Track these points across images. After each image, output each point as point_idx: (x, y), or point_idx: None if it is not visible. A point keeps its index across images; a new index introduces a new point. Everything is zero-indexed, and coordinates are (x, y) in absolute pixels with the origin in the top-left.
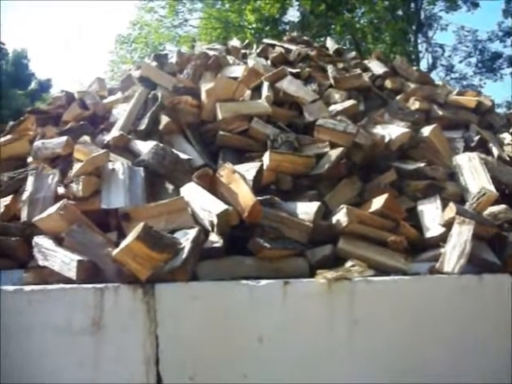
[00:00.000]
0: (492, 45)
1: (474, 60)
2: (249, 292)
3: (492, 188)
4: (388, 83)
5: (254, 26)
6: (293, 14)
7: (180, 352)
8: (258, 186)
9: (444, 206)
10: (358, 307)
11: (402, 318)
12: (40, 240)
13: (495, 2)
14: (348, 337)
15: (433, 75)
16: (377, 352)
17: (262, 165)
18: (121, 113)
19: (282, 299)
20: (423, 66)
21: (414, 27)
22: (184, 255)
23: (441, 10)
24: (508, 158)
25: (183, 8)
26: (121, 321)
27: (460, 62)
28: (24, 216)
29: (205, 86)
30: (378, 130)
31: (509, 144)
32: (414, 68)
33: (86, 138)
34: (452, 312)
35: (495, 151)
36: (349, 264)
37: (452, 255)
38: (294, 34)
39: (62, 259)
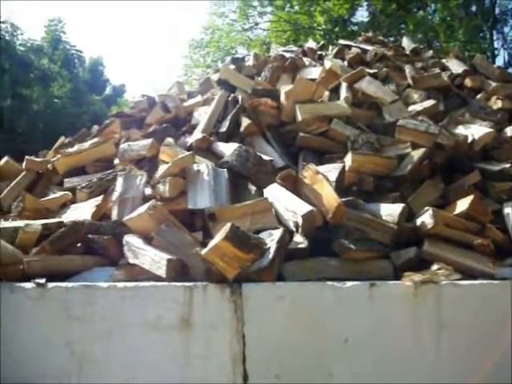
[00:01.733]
0: None
1: None
2: (335, 293)
3: None
4: (468, 82)
5: (323, 27)
6: (362, 14)
7: (266, 351)
8: (341, 187)
9: None
10: (444, 311)
11: (489, 323)
12: (130, 239)
13: None
14: (434, 341)
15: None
16: (463, 357)
17: (344, 166)
18: (202, 115)
19: (368, 301)
20: (499, 63)
21: (489, 23)
22: (270, 255)
23: None
24: None
25: (253, 12)
26: (209, 318)
27: None
28: (114, 215)
29: (283, 88)
30: (460, 130)
31: None
32: (495, 66)
33: (170, 140)
34: None
35: None
36: (435, 267)
37: None
38: (369, 34)
39: (151, 257)
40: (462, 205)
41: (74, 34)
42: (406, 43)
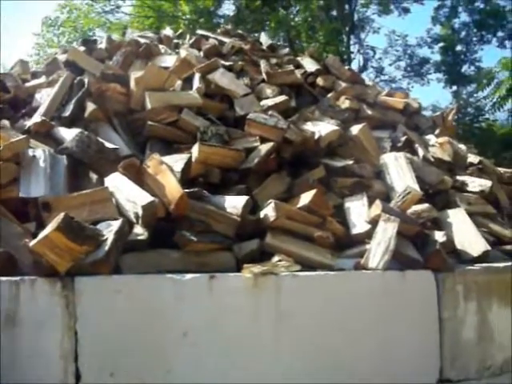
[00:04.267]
0: (420, 50)
1: (403, 64)
2: (173, 286)
3: (417, 187)
4: (320, 81)
5: (188, 16)
6: (228, 8)
7: (100, 348)
8: (186, 178)
9: (370, 204)
10: (284, 302)
11: (327, 313)
12: None
13: (425, 8)
14: (274, 332)
15: (363, 76)
16: (303, 347)
17: (191, 157)
18: (44, 98)
19: (208, 293)
20: (354, 66)
21: (347, 28)
22: (106, 247)
23: (374, 14)
24: (432, 159)
25: None
26: (37, 315)
27: (390, 65)
28: None
29: (134, 74)
30: (309, 126)
31: (433, 145)
32: (346, 67)
33: (6, 122)
34: (376, 307)
35: (420, 152)
36: (275, 259)
37: (377, 251)
38: (229, 26)
39: None
40: (305, 198)
41: None
42: (264, 39)
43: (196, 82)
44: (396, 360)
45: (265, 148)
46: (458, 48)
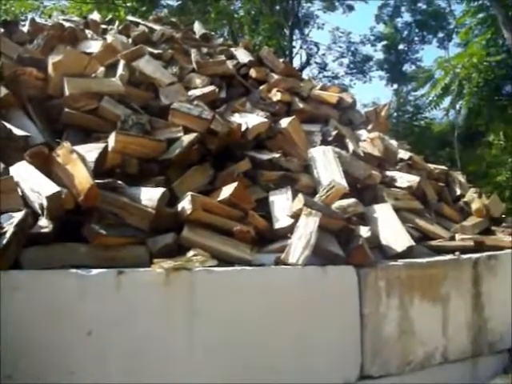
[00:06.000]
0: (363, 48)
1: (346, 61)
2: (78, 282)
3: (343, 181)
4: (253, 73)
5: (128, 4)
6: None
7: None
8: (101, 168)
9: (295, 198)
10: (198, 298)
11: (244, 310)
12: None
13: (369, 7)
14: (187, 330)
15: (306, 72)
16: (217, 345)
17: (107, 146)
18: None
19: (116, 290)
20: (297, 61)
21: (289, 23)
22: (5, 240)
23: (318, 9)
24: (362, 154)
25: None
26: None
27: (333, 61)
28: None
29: (52, 59)
30: (236, 118)
31: (365, 140)
32: (281, 60)
33: None
34: (295, 303)
35: (351, 146)
36: (191, 253)
37: (297, 246)
38: (162, 14)
39: None
40: (226, 191)
41: None
42: (197, 28)
43: (120, 69)
44: (316, 357)
45: (187, 139)
46: (400, 47)
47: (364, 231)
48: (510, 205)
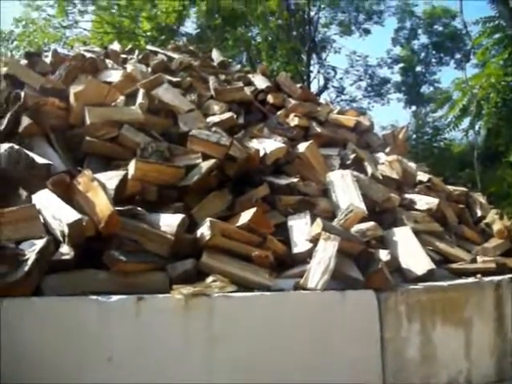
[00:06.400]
0: (381, 70)
1: (363, 84)
2: (98, 308)
3: (362, 205)
4: (270, 98)
5: (148, 33)
6: (190, 26)
7: (20, 372)
8: (121, 195)
9: (314, 222)
10: (217, 323)
11: (263, 336)
12: None
13: (385, 30)
14: (206, 355)
15: (324, 96)
16: (237, 371)
17: (127, 174)
18: None
19: (135, 316)
20: (315, 86)
21: (306, 48)
22: (27, 267)
23: (335, 34)
24: (381, 177)
25: (74, 9)
26: None
27: (351, 85)
28: None
29: (73, 89)
30: (254, 143)
31: (383, 163)
32: (298, 85)
33: None
34: (315, 328)
35: (369, 170)
36: (210, 279)
37: (316, 271)
38: (180, 43)
39: None
40: (245, 217)
41: None
42: (215, 55)
43: (139, 98)
44: (337, 382)
45: (206, 165)
46: (418, 69)
47: (383, 255)
48: None
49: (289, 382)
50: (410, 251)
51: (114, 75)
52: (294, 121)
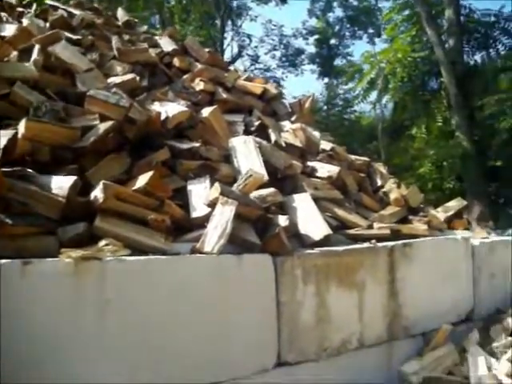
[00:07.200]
0: (296, 41)
1: (278, 53)
2: None
3: (262, 171)
4: (176, 62)
5: None
6: None
7: None
8: (11, 156)
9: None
10: (109, 288)
11: (158, 299)
12: None
13: (302, 1)
14: (97, 321)
15: (238, 64)
16: (130, 337)
17: (16, 133)
18: None
19: (21, 280)
20: (229, 53)
21: (221, 13)
22: None
23: (252, 1)
24: (284, 144)
25: None
26: None
27: (265, 54)
28: None
29: None
30: (156, 106)
31: (287, 131)
32: (206, 50)
33: None
34: (211, 292)
35: (273, 137)
36: (102, 243)
37: (213, 235)
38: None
39: None
40: (141, 180)
41: None
42: (121, 14)
43: (34, 54)
44: (231, 345)
45: (104, 127)
46: (332, 41)
47: (282, 220)
48: (432, 196)
49: (183, 347)
50: (308, 217)
51: (9, 29)
52: (199, 85)
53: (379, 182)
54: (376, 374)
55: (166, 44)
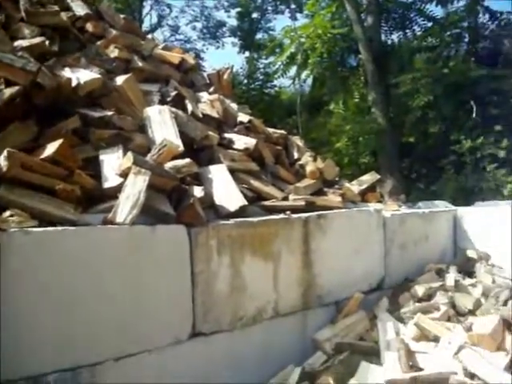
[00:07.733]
0: (217, 13)
1: (199, 25)
2: None
3: (178, 141)
4: (90, 27)
5: None
6: None
7: None
8: None
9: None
10: (14, 260)
11: (69, 272)
12: None
13: None
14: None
15: (157, 34)
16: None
17: None
18: None
19: None
20: (147, 23)
21: None
22: None
23: None
24: (201, 115)
25: None
26: None
27: (186, 24)
28: None
29: None
30: (67, 72)
31: (205, 102)
32: (122, 16)
33: None
34: (124, 263)
35: (190, 107)
36: (7, 214)
37: (125, 206)
38: None
39: None
40: (50, 149)
41: None
42: None
43: None
44: (145, 318)
45: (9, 92)
46: (254, 15)
47: (197, 191)
48: (349, 171)
49: (94, 319)
50: (224, 188)
51: None
52: (114, 52)
53: (296, 155)
54: (291, 341)
55: (79, 7)
